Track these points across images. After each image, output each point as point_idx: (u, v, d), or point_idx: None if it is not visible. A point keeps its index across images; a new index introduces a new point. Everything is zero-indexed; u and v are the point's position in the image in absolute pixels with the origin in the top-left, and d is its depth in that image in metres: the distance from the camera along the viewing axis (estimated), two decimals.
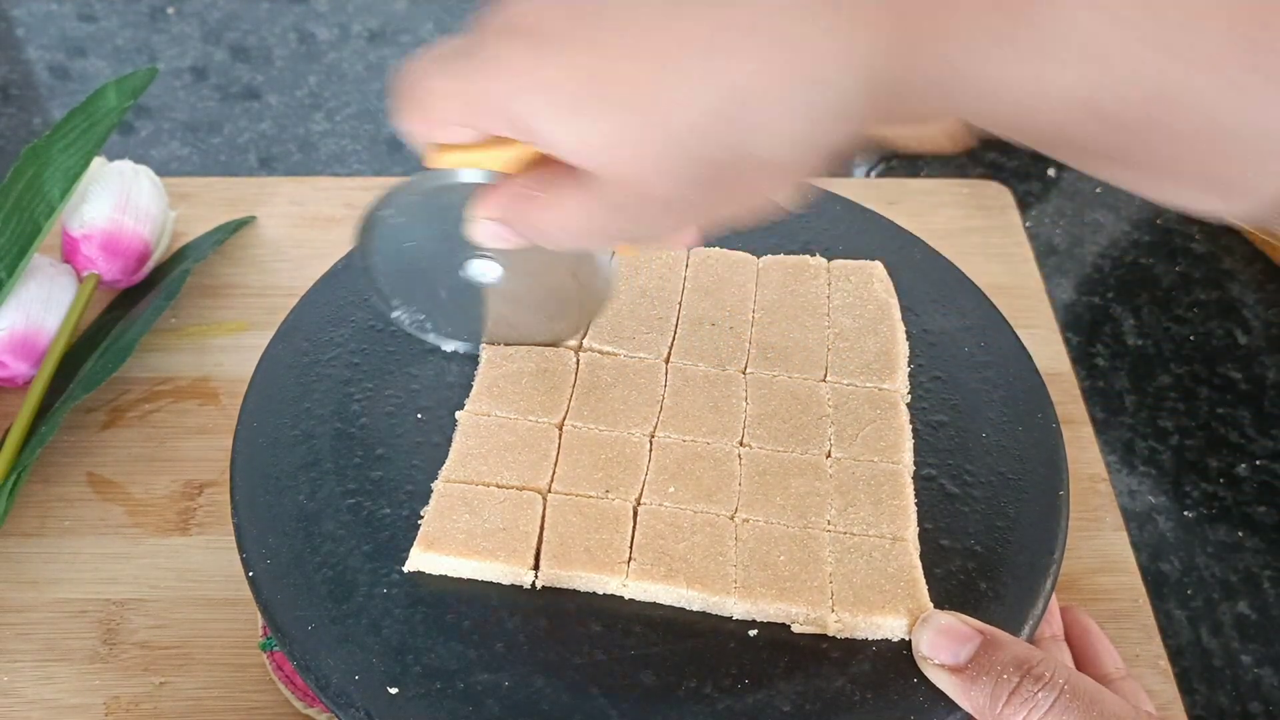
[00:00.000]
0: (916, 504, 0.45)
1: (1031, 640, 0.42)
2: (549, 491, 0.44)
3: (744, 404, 0.48)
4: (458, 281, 0.47)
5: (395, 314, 0.49)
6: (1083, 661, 0.48)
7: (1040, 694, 0.38)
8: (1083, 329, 0.72)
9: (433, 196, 0.43)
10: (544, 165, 0.38)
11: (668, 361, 0.49)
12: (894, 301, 0.52)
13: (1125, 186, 0.34)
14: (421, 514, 0.44)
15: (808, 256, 0.54)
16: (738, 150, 0.33)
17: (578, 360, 0.49)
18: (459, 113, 0.37)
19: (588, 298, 0.48)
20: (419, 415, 0.48)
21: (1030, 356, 0.51)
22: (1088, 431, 0.63)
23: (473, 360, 0.50)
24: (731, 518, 0.44)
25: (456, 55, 0.36)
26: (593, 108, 0.33)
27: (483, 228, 0.41)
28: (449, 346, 0.50)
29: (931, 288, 0.54)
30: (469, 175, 0.41)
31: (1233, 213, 0.33)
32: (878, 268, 0.54)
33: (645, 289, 0.52)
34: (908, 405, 0.48)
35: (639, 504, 0.44)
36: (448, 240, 0.44)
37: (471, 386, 0.48)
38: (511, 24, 0.35)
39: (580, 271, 0.46)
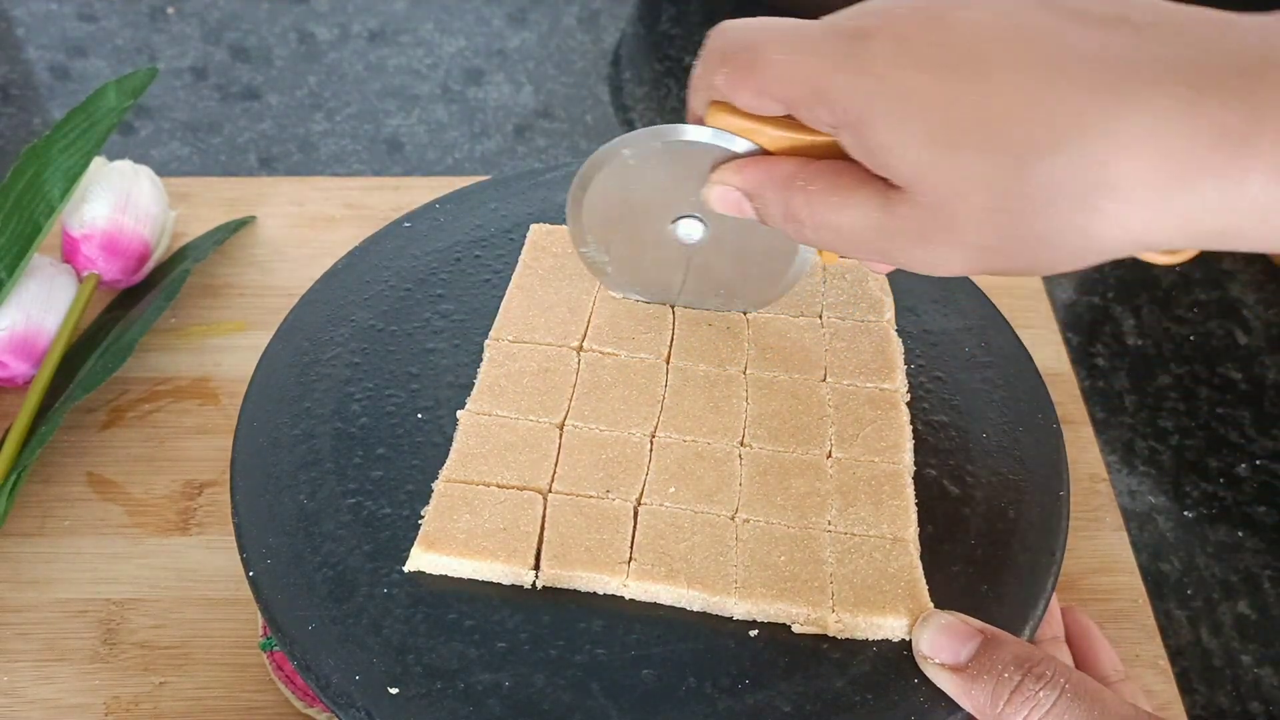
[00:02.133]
0: (917, 504, 0.45)
1: (1032, 641, 0.42)
2: (549, 491, 0.44)
3: (744, 404, 0.48)
4: (660, 236, 0.47)
5: (582, 250, 0.50)
6: (1082, 663, 0.48)
7: (1042, 693, 0.38)
8: (1083, 329, 0.72)
9: (677, 149, 0.43)
10: (823, 160, 0.38)
11: (668, 361, 0.49)
12: (889, 300, 0.52)
13: None
14: (422, 514, 0.44)
15: None
16: (1080, 229, 0.33)
17: (578, 360, 0.49)
18: (790, 91, 0.37)
19: (776, 280, 0.49)
20: (419, 415, 0.48)
21: (1030, 356, 0.51)
22: (1088, 431, 0.63)
23: (473, 360, 0.50)
24: (732, 518, 0.44)
25: (815, 37, 0.36)
26: (957, 142, 0.34)
27: (723, 194, 0.42)
28: (619, 294, 0.51)
29: (931, 288, 0.54)
30: (730, 141, 0.41)
31: None
32: None
33: None
34: (908, 405, 0.49)
35: (639, 504, 0.44)
36: (667, 194, 0.45)
37: (472, 386, 0.48)
38: (889, 29, 0.35)
39: (778, 254, 0.47)
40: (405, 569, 0.43)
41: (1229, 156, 0.32)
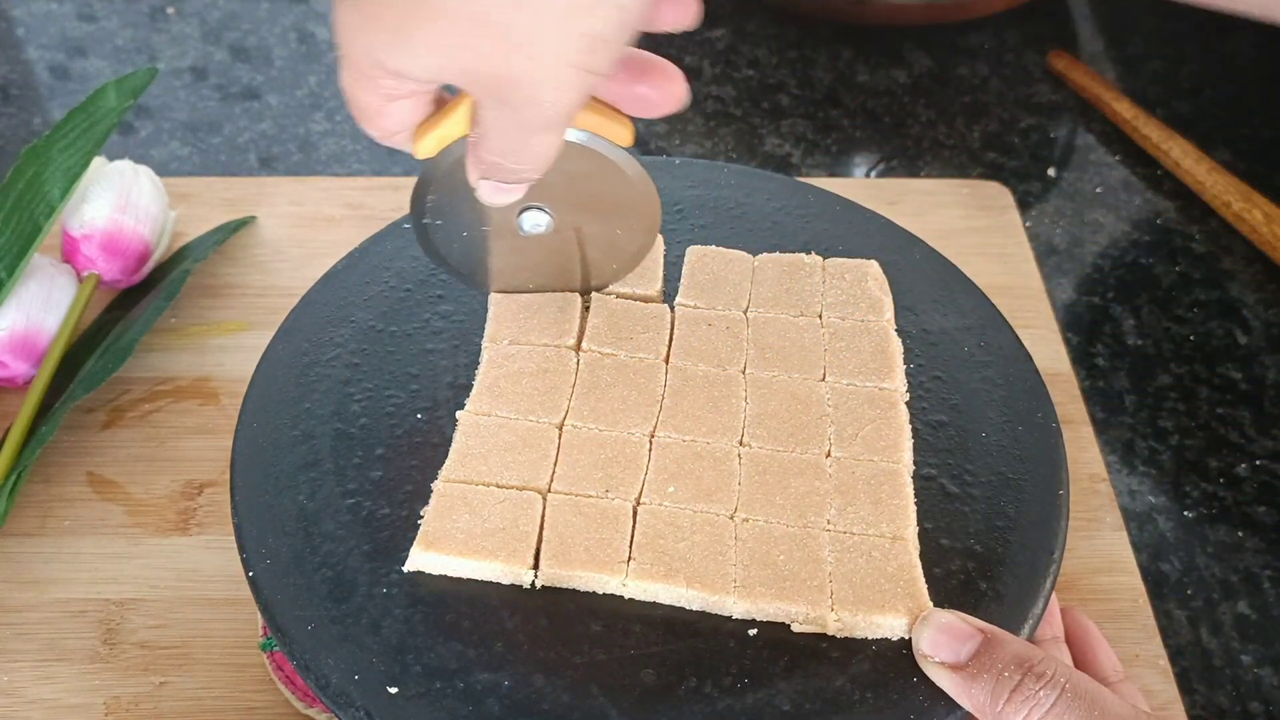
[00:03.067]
0: (916, 503, 0.45)
1: (1032, 640, 0.42)
2: (549, 491, 0.44)
3: (744, 404, 0.48)
4: (525, 241, 0.48)
5: (490, 292, 0.51)
6: (1082, 663, 0.48)
7: (1041, 692, 0.38)
8: (1083, 329, 0.72)
9: (446, 184, 0.44)
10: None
11: (667, 361, 0.49)
12: (888, 300, 0.52)
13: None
14: (421, 514, 0.44)
15: (803, 255, 0.54)
16: (527, 27, 0.35)
17: (578, 360, 0.49)
18: (370, 94, 0.39)
19: (639, 205, 0.47)
20: (419, 415, 0.48)
21: (1030, 356, 0.51)
22: (1088, 431, 0.63)
23: (473, 361, 0.50)
24: (731, 517, 0.44)
25: (344, 47, 0.39)
26: (411, 26, 0.36)
27: (482, 190, 0.43)
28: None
29: (931, 288, 0.54)
30: (450, 151, 0.42)
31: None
32: (872, 266, 0.54)
33: None
34: (907, 405, 0.48)
35: (639, 503, 0.44)
36: (489, 213, 0.46)
37: (471, 386, 0.48)
38: (341, 4, 0.37)
39: (615, 184, 0.46)
40: (404, 569, 0.43)
41: None
